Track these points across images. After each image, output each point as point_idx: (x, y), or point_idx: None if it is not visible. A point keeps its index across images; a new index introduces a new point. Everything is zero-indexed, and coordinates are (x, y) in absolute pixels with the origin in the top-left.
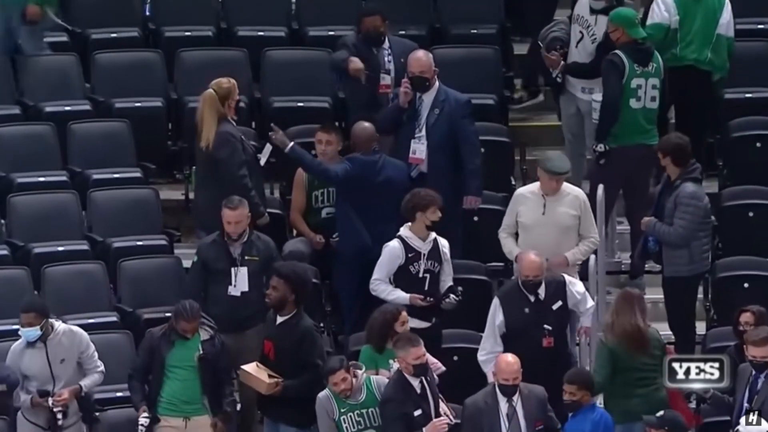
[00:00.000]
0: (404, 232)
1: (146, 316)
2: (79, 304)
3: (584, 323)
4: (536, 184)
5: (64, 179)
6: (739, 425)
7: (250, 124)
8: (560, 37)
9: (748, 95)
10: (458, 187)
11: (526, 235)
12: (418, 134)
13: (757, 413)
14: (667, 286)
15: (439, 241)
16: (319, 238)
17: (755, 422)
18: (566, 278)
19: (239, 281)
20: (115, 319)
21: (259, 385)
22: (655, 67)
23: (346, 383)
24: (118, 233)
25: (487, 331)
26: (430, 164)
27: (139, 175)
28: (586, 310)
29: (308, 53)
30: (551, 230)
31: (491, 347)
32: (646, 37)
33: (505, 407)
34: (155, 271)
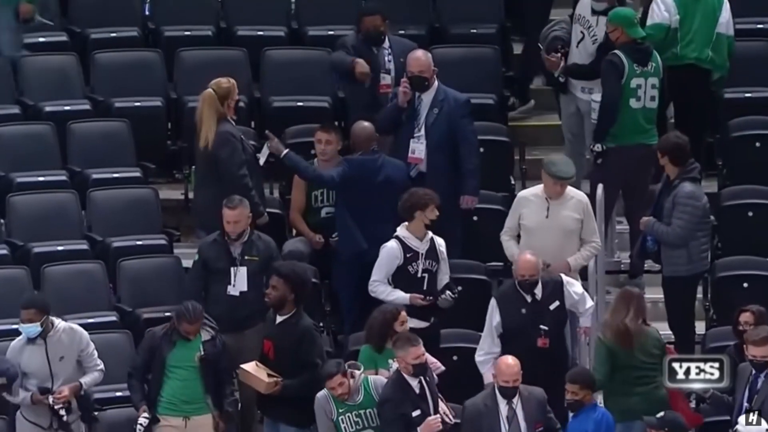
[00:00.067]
0: (401, 232)
1: (146, 315)
2: (78, 303)
3: (583, 324)
4: (539, 186)
5: (63, 179)
6: (738, 425)
7: (249, 123)
8: (561, 36)
9: (747, 95)
10: (457, 186)
11: (528, 238)
12: (417, 134)
13: (757, 413)
14: (666, 285)
15: (435, 240)
16: (318, 237)
17: (755, 422)
18: (564, 278)
19: (238, 281)
20: (114, 318)
21: (258, 384)
22: (654, 66)
23: (343, 387)
24: (117, 233)
25: (484, 331)
26: (429, 164)
27: (138, 174)
28: (585, 310)
29: (308, 53)
30: (554, 234)
31: (488, 347)
32: (645, 36)
33: (505, 409)
34: (155, 270)
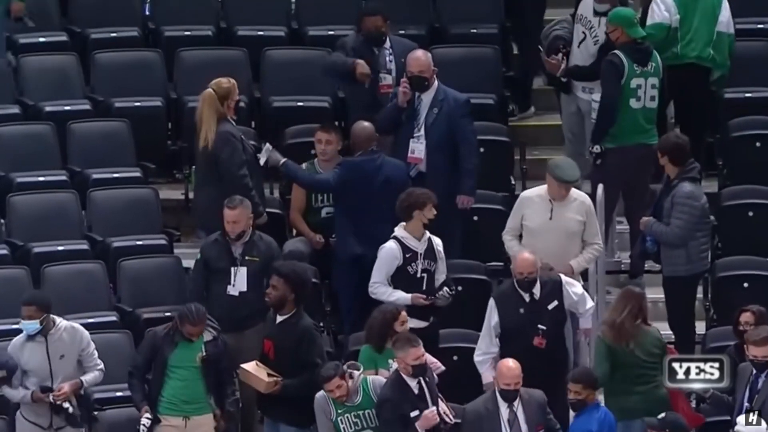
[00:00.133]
0: (400, 232)
1: (146, 315)
2: (78, 303)
3: (584, 325)
4: (542, 187)
5: (63, 179)
6: (737, 425)
7: (249, 123)
8: (563, 36)
9: (748, 95)
10: (454, 185)
11: (531, 239)
12: (416, 134)
13: (757, 413)
14: (666, 285)
15: (433, 240)
16: (318, 237)
17: (755, 422)
18: (563, 278)
19: (238, 281)
20: (114, 318)
21: (258, 383)
22: (654, 66)
23: (341, 390)
24: (117, 233)
25: (483, 331)
26: (428, 164)
27: (138, 174)
28: (585, 311)
29: (308, 53)
30: (557, 235)
31: (487, 347)
32: (645, 36)
33: (506, 413)
34: (155, 270)
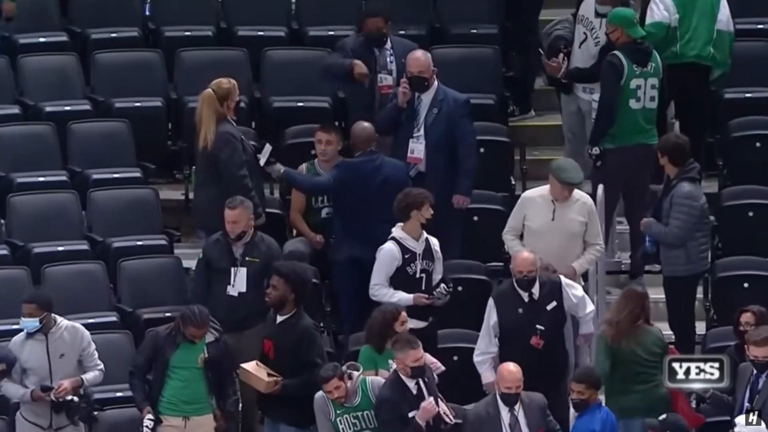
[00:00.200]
0: (398, 233)
1: (146, 316)
2: (78, 304)
3: (584, 330)
4: (545, 188)
5: (64, 179)
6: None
7: (249, 124)
8: (564, 36)
9: (748, 95)
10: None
11: (532, 239)
12: (416, 134)
13: (757, 413)
14: (665, 285)
15: (430, 240)
16: (318, 237)
17: (755, 422)
18: (563, 280)
19: (238, 281)
20: (114, 319)
21: (258, 383)
22: (654, 66)
23: (339, 391)
24: (118, 233)
25: (482, 331)
26: (428, 164)
27: (138, 175)
28: (584, 315)
29: (308, 53)
30: (559, 236)
31: (486, 347)
32: (645, 36)
33: (507, 417)
34: (155, 271)
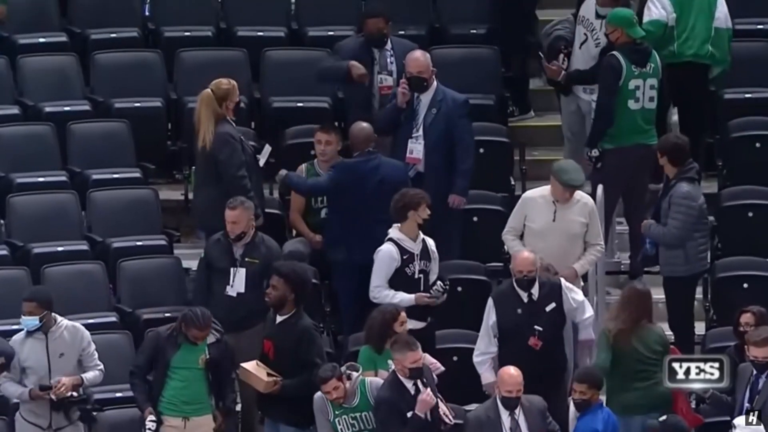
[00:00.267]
0: (395, 234)
1: (146, 316)
2: (78, 304)
3: (583, 336)
4: (545, 188)
5: (63, 179)
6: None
7: (249, 124)
8: (564, 36)
9: (747, 95)
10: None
11: (533, 240)
12: (415, 134)
13: (756, 414)
14: (665, 286)
15: (427, 240)
16: (318, 238)
17: (755, 422)
18: (563, 283)
19: (237, 282)
20: (114, 319)
21: (257, 383)
22: (653, 67)
23: (338, 392)
24: (117, 233)
25: (481, 331)
26: (426, 164)
27: (138, 175)
28: (583, 320)
29: (308, 53)
30: (560, 237)
31: (485, 347)
32: (645, 36)
33: (507, 421)
34: (155, 271)
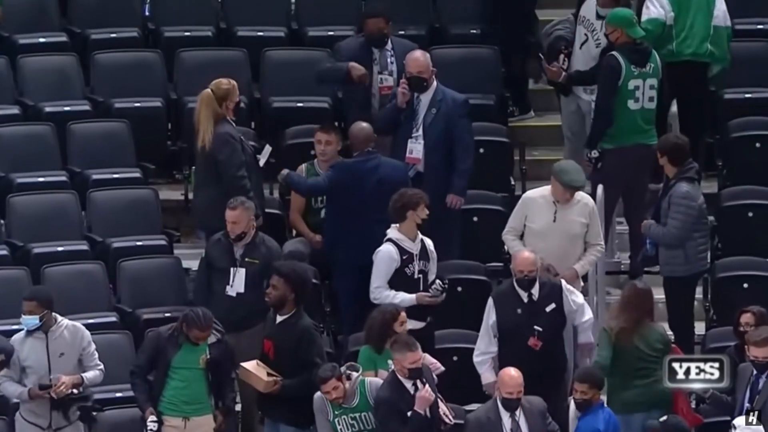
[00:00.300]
0: (394, 234)
1: (146, 316)
2: (78, 304)
3: (582, 339)
4: (546, 188)
5: (63, 179)
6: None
7: (249, 124)
8: (565, 36)
9: (747, 95)
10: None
11: (533, 240)
12: (415, 134)
13: (757, 414)
14: (665, 286)
15: (425, 240)
16: (318, 238)
17: (755, 422)
18: (564, 284)
19: (236, 282)
20: (114, 319)
21: (257, 382)
22: (652, 67)
23: (337, 392)
24: (117, 233)
25: (481, 331)
26: (426, 164)
27: (138, 175)
28: (582, 323)
29: (308, 53)
30: (560, 237)
31: (485, 347)
32: (644, 35)
33: (508, 422)
34: (155, 271)
